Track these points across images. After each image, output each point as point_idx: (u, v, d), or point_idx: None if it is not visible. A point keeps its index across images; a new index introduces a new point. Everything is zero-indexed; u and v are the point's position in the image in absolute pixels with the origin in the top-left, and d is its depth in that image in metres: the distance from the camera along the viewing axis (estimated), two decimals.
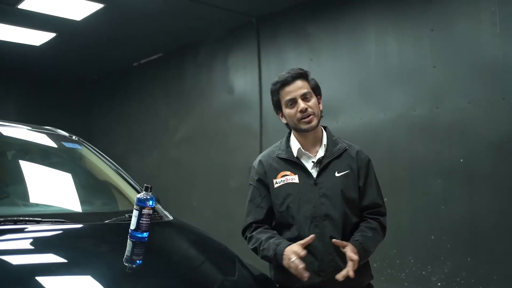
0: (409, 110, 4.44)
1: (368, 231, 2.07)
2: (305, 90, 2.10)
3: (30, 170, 2.61)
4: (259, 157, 2.25)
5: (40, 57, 7.54)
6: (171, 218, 2.48)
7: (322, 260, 2.02)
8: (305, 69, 2.19)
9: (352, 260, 1.90)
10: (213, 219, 6.33)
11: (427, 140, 4.29)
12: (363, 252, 1.99)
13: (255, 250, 2.12)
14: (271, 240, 2.04)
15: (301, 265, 1.89)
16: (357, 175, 2.13)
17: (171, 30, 6.54)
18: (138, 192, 2.48)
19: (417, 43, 4.42)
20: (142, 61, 8.00)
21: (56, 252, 1.78)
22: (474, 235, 3.96)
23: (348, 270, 1.89)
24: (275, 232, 2.13)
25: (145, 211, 1.81)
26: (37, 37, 6.62)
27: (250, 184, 2.25)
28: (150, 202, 1.82)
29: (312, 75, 2.21)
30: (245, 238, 2.20)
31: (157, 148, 7.66)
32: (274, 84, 2.16)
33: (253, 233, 2.14)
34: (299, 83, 2.11)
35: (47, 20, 5.90)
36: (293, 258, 1.90)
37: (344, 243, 1.96)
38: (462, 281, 4.01)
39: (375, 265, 3.95)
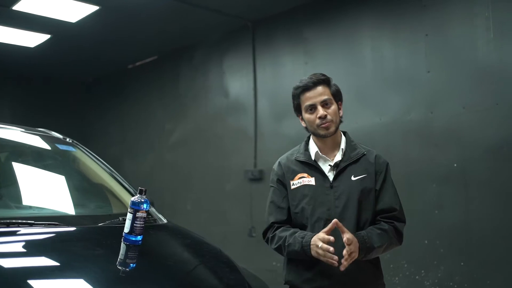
0: (404, 114, 4.45)
1: (375, 229, 2.07)
2: (325, 97, 2.13)
3: (24, 173, 2.60)
4: (279, 160, 2.29)
5: (34, 59, 7.50)
6: (165, 221, 2.48)
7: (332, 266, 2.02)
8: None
9: (348, 244, 1.91)
10: (208, 223, 6.31)
11: (422, 145, 4.31)
12: (365, 246, 1.99)
13: (278, 248, 2.13)
14: (296, 235, 2.06)
15: (331, 249, 1.91)
16: (374, 179, 2.14)
17: (166, 33, 6.53)
18: (132, 195, 2.47)
19: (412, 48, 4.44)
20: (137, 64, 7.98)
21: (49, 256, 1.77)
22: (467, 240, 3.98)
23: (344, 254, 1.91)
24: (297, 229, 2.14)
25: (139, 214, 1.80)
26: (32, 39, 6.59)
27: (271, 186, 2.27)
28: (145, 205, 1.81)
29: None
30: (266, 240, 2.21)
31: (152, 151, 7.64)
32: (296, 88, 2.19)
33: (276, 232, 2.16)
34: (320, 89, 2.14)
35: (42, 22, 5.87)
36: (320, 244, 1.92)
37: (345, 229, 1.95)
38: (456, 286, 4.02)
39: None
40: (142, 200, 1.81)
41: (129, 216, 1.80)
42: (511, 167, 3.76)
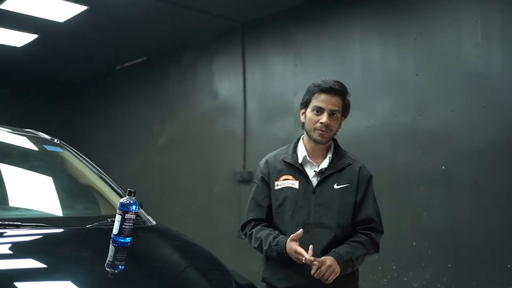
0: (393, 117, 4.48)
1: (351, 243, 2.12)
2: (336, 108, 2.16)
3: (10, 173, 2.56)
4: (266, 157, 2.31)
5: (21, 59, 7.43)
6: (154, 223, 2.46)
7: (308, 265, 2.03)
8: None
9: (318, 261, 1.98)
10: (196, 225, 6.29)
11: (410, 148, 4.34)
12: (343, 262, 2.03)
13: (257, 248, 2.19)
14: (270, 239, 2.12)
15: (306, 257, 1.98)
16: (355, 190, 2.17)
17: (155, 34, 6.51)
18: (121, 197, 2.45)
19: (401, 51, 4.47)
20: (126, 65, 7.94)
21: (36, 258, 1.75)
22: (455, 242, 4.01)
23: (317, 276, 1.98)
24: (271, 229, 2.18)
25: (128, 215, 1.79)
26: (19, 38, 6.52)
27: (254, 182, 2.31)
28: (133, 207, 1.80)
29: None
30: (244, 234, 2.27)
31: (140, 152, 7.59)
32: (316, 85, 2.19)
33: (253, 231, 2.21)
34: (335, 98, 2.17)
35: (29, 21, 5.82)
36: (302, 257, 1.98)
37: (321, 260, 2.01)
38: (443, 287, 4.05)
39: None
40: (131, 202, 1.81)
41: (118, 217, 1.79)
42: (498, 169, 3.80)
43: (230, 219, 5.87)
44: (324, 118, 2.13)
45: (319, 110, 2.15)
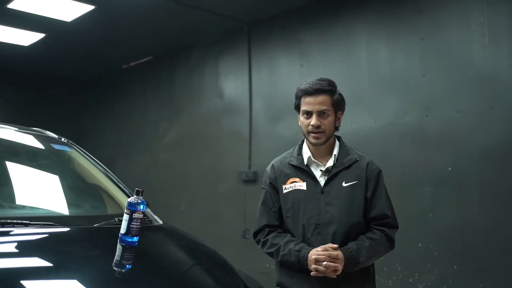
0: (399, 118, 4.47)
1: (366, 240, 2.08)
2: (323, 107, 2.12)
3: (18, 172, 2.58)
4: (272, 162, 2.30)
5: (28, 58, 7.46)
6: (161, 222, 2.47)
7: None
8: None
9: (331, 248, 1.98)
10: (202, 224, 6.30)
11: (417, 148, 4.32)
12: (351, 260, 2.01)
13: (271, 254, 2.16)
14: (291, 246, 2.08)
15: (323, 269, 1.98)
16: (365, 186, 2.14)
17: (162, 33, 6.52)
18: (128, 196, 2.46)
19: (408, 52, 4.46)
20: (133, 64, 7.96)
21: (44, 256, 1.76)
22: (461, 243, 3.99)
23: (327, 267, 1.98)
24: (290, 235, 2.16)
25: (135, 215, 1.79)
26: (26, 37, 6.55)
27: (263, 187, 2.29)
28: (141, 206, 1.81)
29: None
30: (257, 241, 2.23)
31: (147, 151, 7.61)
32: (300, 89, 2.18)
33: (268, 237, 2.18)
34: (320, 98, 2.12)
35: (37, 21, 5.85)
36: (316, 257, 1.98)
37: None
38: None
39: None
40: (139, 201, 1.81)
41: (125, 217, 1.79)
42: (505, 170, 3.78)
43: (236, 219, 5.88)
44: (313, 120, 2.11)
45: (307, 113, 2.14)
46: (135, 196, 1.83)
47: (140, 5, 5.44)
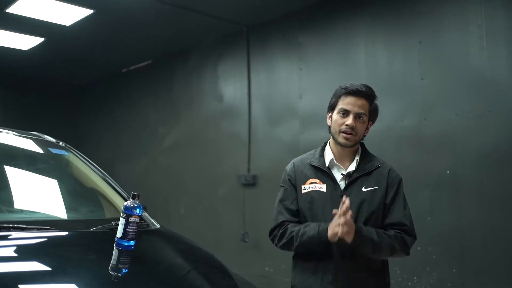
0: (397, 121, 4.47)
1: (379, 230, 2.07)
2: (362, 111, 2.15)
3: (15, 176, 2.58)
4: (293, 161, 2.29)
5: (28, 62, 7.48)
6: (158, 226, 2.47)
7: (337, 269, 2.04)
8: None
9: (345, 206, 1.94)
10: (201, 227, 6.30)
11: (415, 151, 4.32)
12: (359, 235, 1.99)
13: (289, 242, 2.12)
14: (312, 224, 2.08)
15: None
16: (385, 192, 2.14)
17: (161, 37, 6.54)
18: (125, 200, 2.46)
19: (406, 55, 4.46)
20: (132, 68, 7.98)
21: (41, 260, 1.76)
22: (460, 247, 3.99)
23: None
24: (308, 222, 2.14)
25: (132, 219, 1.80)
26: (25, 42, 6.57)
27: (281, 186, 2.27)
28: (137, 210, 1.81)
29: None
30: (273, 237, 2.20)
31: (145, 155, 7.62)
32: (342, 87, 2.20)
33: (287, 227, 2.15)
34: (361, 101, 2.16)
35: (36, 25, 5.86)
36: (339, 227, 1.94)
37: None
38: None
39: None
40: (135, 205, 1.81)
41: (121, 221, 1.80)
42: (503, 173, 3.78)
43: (234, 222, 5.88)
44: (349, 120, 2.12)
45: (344, 113, 2.14)
46: (131, 200, 1.83)
47: (138, 9, 5.46)
